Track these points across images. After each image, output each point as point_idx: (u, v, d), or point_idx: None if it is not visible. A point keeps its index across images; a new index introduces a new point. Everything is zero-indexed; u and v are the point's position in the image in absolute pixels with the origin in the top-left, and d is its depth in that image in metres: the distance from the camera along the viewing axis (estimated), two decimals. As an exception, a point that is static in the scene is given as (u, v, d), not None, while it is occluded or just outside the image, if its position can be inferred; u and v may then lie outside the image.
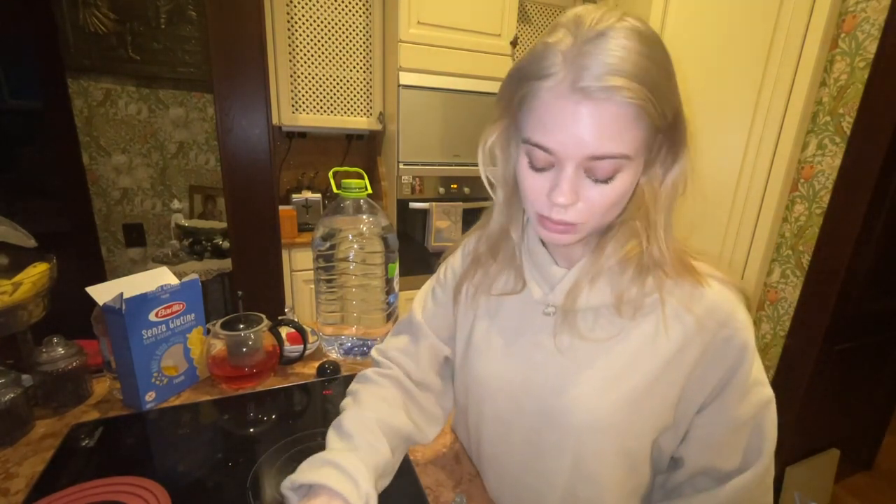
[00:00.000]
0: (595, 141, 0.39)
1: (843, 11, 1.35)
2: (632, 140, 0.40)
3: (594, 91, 0.37)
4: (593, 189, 0.42)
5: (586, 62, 0.37)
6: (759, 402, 0.47)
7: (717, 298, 0.46)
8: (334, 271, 0.93)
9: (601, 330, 0.48)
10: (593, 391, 0.47)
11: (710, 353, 0.46)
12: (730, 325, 0.45)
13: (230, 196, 1.39)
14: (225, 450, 0.67)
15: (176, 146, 2.22)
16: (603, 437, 0.48)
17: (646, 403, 0.47)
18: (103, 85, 2.04)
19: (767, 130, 1.46)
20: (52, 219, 2.03)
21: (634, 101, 0.38)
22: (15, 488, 0.57)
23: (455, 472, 0.65)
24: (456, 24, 1.90)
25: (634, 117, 0.39)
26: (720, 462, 0.49)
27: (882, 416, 1.88)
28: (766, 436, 0.48)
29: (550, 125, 0.40)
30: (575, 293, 0.48)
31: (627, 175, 0.42)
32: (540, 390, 0.51)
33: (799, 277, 1.52)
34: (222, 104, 1.30)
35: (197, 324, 0.83)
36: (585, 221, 0.44)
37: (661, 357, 0.46)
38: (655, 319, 0.46)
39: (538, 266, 0.53)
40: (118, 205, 2.19)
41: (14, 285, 0.71)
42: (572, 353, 0.49)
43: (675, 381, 0.47)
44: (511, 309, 0.55)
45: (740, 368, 0.46)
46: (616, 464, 0.49)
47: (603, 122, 0.39)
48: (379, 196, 2.11)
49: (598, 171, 0.41)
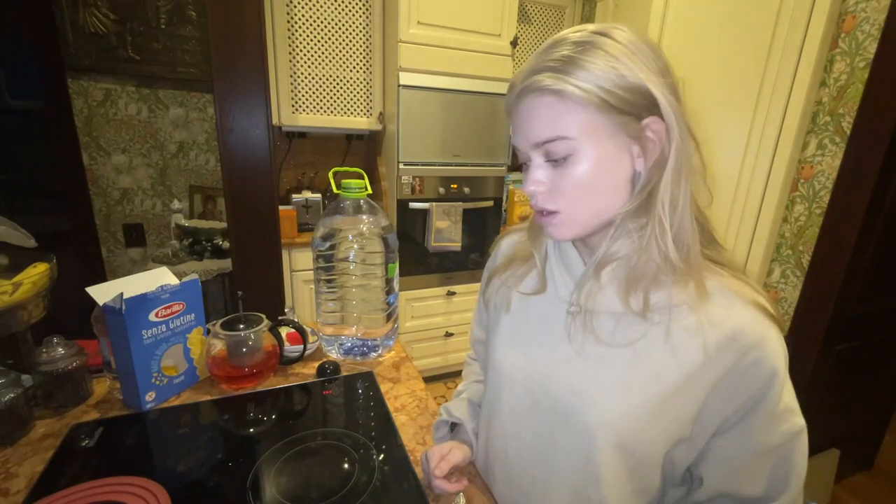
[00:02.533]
0: (531, 131, 0.46)
1: (843, 11, 1.35)
2: (573, 122, 0.44)
3: (521, 90, 0.46)
4: (557, 173, 0.46)
5: (519, 77, 0.47)
6: (788, 431, 0.46)
7: (747, 320, 0.45)
8: (334, 271, 0.93)
9: (621, 335, 0.48)
10: (611, 395, 0.48)
11: (735, 374, 0.45)
12: (759, 348, 0.44)
13: (230, 196, 1.39)
14: (225, 450, 0.67)
15: (176, 146, 2.22)
16: (614, 441, 0.47)
17: (662, 414, 0.46)
18: (103, 85, 2.04)
19: (767, 130, 1.46)
20: (52, 219, 2.03)
21: (562, 90, 0.43)
22: (15, 488, 0.57)
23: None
24: (456, 24, 1.90)
25: (570, 103, 0.43)
26: (741, 488, 0.48)
27: (882, 416, 1.88)
28: (795, 468, 0.47)
29: (514, 128, 0.49)
30: (586, 289, 0.50)
31: (585, 154, 0.45)
32: (557, 389, 0.51)
33: (799, 277, 1.52)
34: (222, 104, 1.30)
35: (197, 324, 0.83)
36: (563, 209, 0.47)
37: (683, 371, 0.45)
38: (679, 330, 0.46)
39: (567, 266, 0.54)
40: (118, 205, 2.19)
41: (14, 285, 0.71)
42: (593, 354, 0.50)
43: (696, 397, 0.46)
44: (538, 305, 0.56)
45: (769, 394, 0.45)
46: (625, 469, 0.49)
47: (532, 114, 0.46)
48: (379, 196, 2.11)
49: (552, 153, 0.46)
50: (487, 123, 2.07)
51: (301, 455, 0.66)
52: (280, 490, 0.59)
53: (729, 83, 1.52)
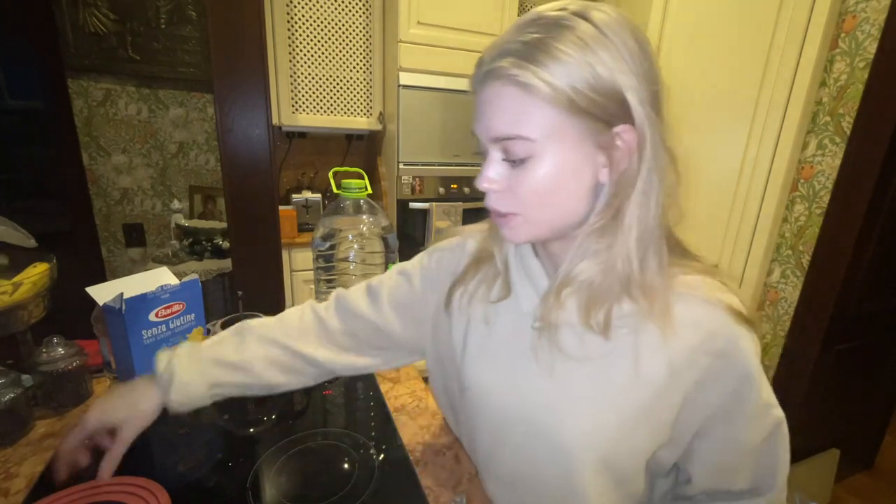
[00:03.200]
0: (494, 123, 0.41)
1: (843, 11, 1.35)
2: (537, 123, 0.40)
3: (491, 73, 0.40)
4: (513, 175, 0.43)
5: (487, 54, 0.41)
6: (770, 424, 0.46)
7: (718, 323, 0.43)
8: (334, 271, 0.93)
9: (587, 349, 0.46)
10: (584, 414, 0.46)
11: (710, 378, 0.44)
12: (731, 350, 0.43)
13: (230, 196, 1.39)
14: (225, 450, 0.67)
15: (176, 146, 2.22)
16: (592, 457, 0.46)
17: (638, 428, 0.45)
18: (103, 85, 2.04)
19: (767, 130, 1.45)
20: (52, 219, 2.03)
21: (532, 85, 0.38)
22: (15, 488, 0.57)
23: (455, 472, 0.65)
24: (456, 24, 1.90)
25: (537, 100, 0.39)
26: (730, 484, 0.49)
27: (882, 416, 1.88)
28: (780, 458, 0.48)
29: (475, 111, 0.44)
30: (548, 304, 0.46)
31: (544, 163, 0.41)
32: (531, 406, 0.49)
33: (799, 277, 1.52)
34: (222, 104, 1.30)
35: (197, 324, 0.83)
36: (518, 212, 0.44)
37: (654, 385, 0.44)
38: (646, 345, 0.44)
39: (530, 276, 0.51)
40: (118, 205, 2.19)
41: (14, 285, 0.71)
42: (562, 371, 0.47)
43: (671, 405, 0.45)
44: (506, 319, 0.53)
45: (748, 395, 0.44)
46: (607, 482, 0.48)
47: (496, 104, 0.41)
48: (379, 196, 2.10)
49: (511, 152, 0.42)
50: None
51: (301, 455, 0.66)
52: (280, 490, 0.59)
53: (729, 83, 1.52)
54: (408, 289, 0.62)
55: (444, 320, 0.60)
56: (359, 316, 0.63)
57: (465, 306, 0.57)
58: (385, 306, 0.62)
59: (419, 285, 0.62)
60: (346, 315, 0.64)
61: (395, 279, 0.64)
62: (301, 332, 0.63)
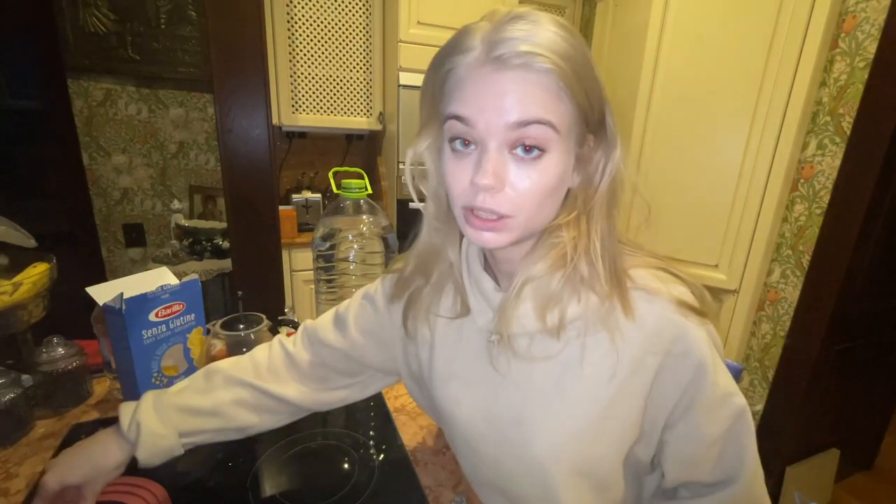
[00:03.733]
0: (515, 107, 0.37)
1: (843, 11, 1.35)
2: (555, 111, 0.38)
3: (510, 58, 0.37)
4: (519, 172, 0.39)
5: (503, 36, 0.37)
6: (731, 414, 0.46)
7: (665, 318, 0.43)
8: (334, 271, 0.93)
9: (537, 350, 0.46)
10: (549, 421, 0.46)
11: (664, 372, 0.44)
12: (680, 343, 0.43)
13: (230, 196, 1.39)
14: (225, 450, 0.67)
15: (176, 146, 2.22)
16: (564, 466, 0.46)
17: (605, 428, 0.45)
18: (103, 85, 2.04)
19: (767, 130, 1.45)
20: (52, 219, 2.02)
21: (552, 68, 0.37)
22: (15, 488, 0.57)
23: (455, 472, 0.65)
24: (456, 24, 1.85)
25: (555, 88, 0.38)
26: (698, 475, 0.49)
27: (882, 416, 1.88)
28: (745, 445, 0.47)
29: (470, 96, 0.39)
30: (506, 316, 0.45)
31: (556, 155, 0.40)
32: (498, 421, 0.49)
33: (799, 277, 1.52)
34: (222, 104, 1.30)
35: (197, 324, 0.83)
36: (515, 214, 0.40)
37: (614, 382, 0.44)
38: (591, 345, 0.44)
39: (483, 292, 0.50)
40: (118, 205, 2.19)
41: (14, 285, 0.71)
42: (522, 383, 0.47)
43: (633, 404, 0.45)
44: (466, 335, 0.52)
45: (702, 386, 0.44)
46: (584, 488, 0.48)
47: (522, 89, 0.37)
48: (379, 196, 2.11)
49: (524, 140, 0.39)
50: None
51: (301, 455, 0.66)
52: (280, 490, 0.59)
53: (729, 83, 1.52)
54: (372, 312, 0.61)
55: (410, 341, 0.59)
56: (327, 345, 0.62)
57: (423, 328, 0.56)
58: (352, 332, 0.61)
59: (383, 308, 0.60)
60: (315, 345, 0.62)
61: (359, 304, 0.62)
62: (270, 370, 0.61)
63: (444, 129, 0.42)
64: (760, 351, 1.64)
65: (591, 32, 2.16)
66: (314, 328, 0.64)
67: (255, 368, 0.61)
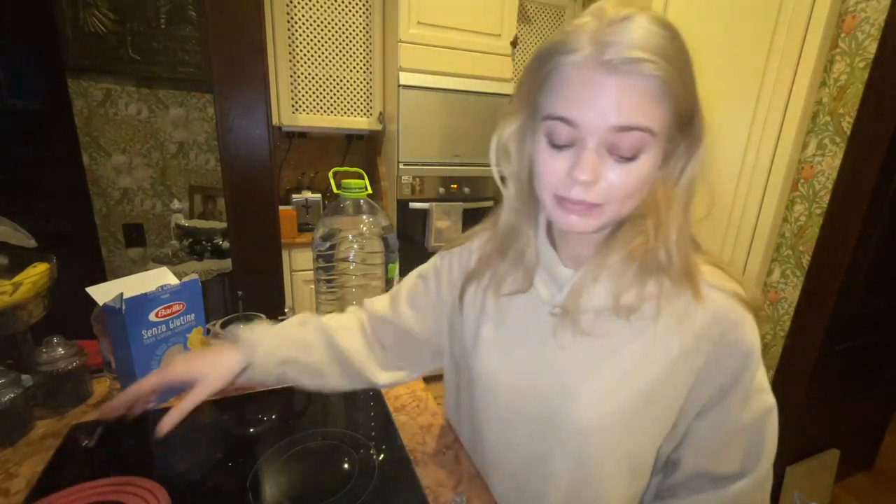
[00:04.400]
0: (619, 111, 0.39)
1: (843, 11, 1.35)
2: (656, 117, 0.40)
3: (619, 63, 0.38)
4: (615, 169, 0.41)
5: (612, 39, 0.38)
6: (761, 408, 0.47)
7: (724, 307, 0.46)
8: (334, 271, 0.93)
9: (601, 328, 0.48)
10: (597, 395, 0.47)
11: (714, 361, 0.46)
12: (734, 332, 0.45)
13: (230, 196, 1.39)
14: (225, 450, 0.67)
15: (176, 146, 2.22)
16: (606, 441, 0.48)
17: (650, 409, 0.47)
18: (103, 85, 2.04)
19: (767, 130, 1.45)
20: (52, 219, 2.02)
21: (659, 75, 0.38)
22: (15, 488, 0.57)
23: (455, 472, 0.65)
24: (456, 24, 1.90)
25: (659, 93, 0.40)
26: (717, 465, 0.49)
27: (882, 416, 1.88)
28: (767, 443, 0.48)
29: (574, 97, 0.40)
30: (578, 293, 0.48)
31: (650, 157, 0.42)
32: (544, 392, 0.50)
33: (799, 277, 1.52)
34: (222, 104, 1.30)
35: (197, 324, 0.83)
36: (606, 203, 0.43)
37: (665, 364, 0.46)
38: (659, 324, 0.46)
39: (546, 267, 0.53)
40: (118, 205, 2.19)
41: (14, 285, 0.71)
42: (577, 355, 0.49)
43: (679, 389, 0.47)
44: (519, 309, 0.54)
45: (745, 373, 0.46)
46: (619, 468, 0.49)
47: (628, 95, 0.39)
48: (379, 196, 2.10)
49: (622, 147, 0.40)
50: (487, 123, 2.07)
51: (301, 455, 0.66)
52: (280, 490, 0.59)
53: (729, 83, 1.52)
54: (424, 289, 0.65)
55: (458, 318, 0.62)
56: (381, 319, 0.66)
57: (478, 301, 0.58)
58: (404, 307, 0.65)
59: (434, 286, 0.65)
60: (372, 319, 0.68)
61: (412, 281, 0.67)
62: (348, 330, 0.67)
63: (541, 124, 0.44)
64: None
65: (591, 32, 2.16)
66: (370, 302, 0.70)
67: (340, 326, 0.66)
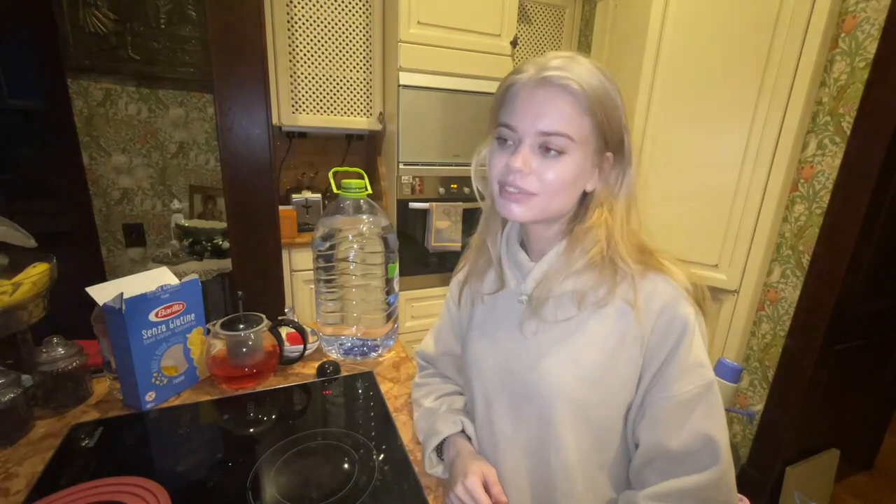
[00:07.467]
0: (546, 118, 0.51)
1: (843, 11, 1.35)
2: (578, 128, 0.51)
3: (553, 79, 0.51)
4: (543, 163, 0.53)
5: (551, 64, 0.51)
6: (700, 383, 0.52)
7: (667, 291, 0.54)
8: (334, 271, 0.93)
9: (561, 313, 0.57)
10: (558, 365, 0.56)
11: (657, 335, 0.53)
12: (672, 309, 0.53)
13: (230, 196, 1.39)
14: (225, 450, 0.67)
15: (176, 146, 2.22)
16: (566, 407, 0.55)
17: (607, 378, 0.55)
18: (103, 85, 2.04)
19: (767, 130, 1.45)
20: (52, 219, 2.03)
21: (581, 92, 0.50)
22: (15, 488, 0.57)
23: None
24: (456, 24, 1.90)
25: (582, 110, 0.51)
26: (666, 438, 0.52)
27: (882, 416, 1.88)
28: (714, 418, 0.51)
29: (516, 107, 0.53)
30: (543, 284, 0.58)
31: (572, 158, 0.52)
32: (517, 368, 0.60)
33: (799, 277, 1.52)
34: (222, 104, 1.30)
35: (197, 324, 0.83)
36: (537, 193, 0.53)
37: (618, 337, 0.54)
38: (611, 308, 0.55)
39: (516, 263, 0.63)
40: (118, 205, 2.19)
41: (14, 285, 0.71)
42: (541, 335, 0.58)
43: (632, 360, 0.54)
44: (503, 299, 0.65)
45: (680, 347, 0.52)
46: (581, 434, 0.56)
47: (555, 105, 0.51)
48: (379, 196, 2.10)
49: (550, 145, 0.52)
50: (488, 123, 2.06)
51: (301, 455, 0.66)
52: (280, 490, 0.59)
53: (729, 83, 1.52)
54: (447, 316, 0.78)
55: (460, 313, 0.74)
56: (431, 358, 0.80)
57: (469, 301, 0.70)
58: (445, 336, 0.78)
59: (453, 309, 0.76)
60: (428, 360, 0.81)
61: (442, 312, 0.80)
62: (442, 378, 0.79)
63: (495, 131, 0.57)
64: (760, 351, 1.63)
65: (591, 32, 2.16)
66: (420, 349, 0.82)
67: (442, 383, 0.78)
